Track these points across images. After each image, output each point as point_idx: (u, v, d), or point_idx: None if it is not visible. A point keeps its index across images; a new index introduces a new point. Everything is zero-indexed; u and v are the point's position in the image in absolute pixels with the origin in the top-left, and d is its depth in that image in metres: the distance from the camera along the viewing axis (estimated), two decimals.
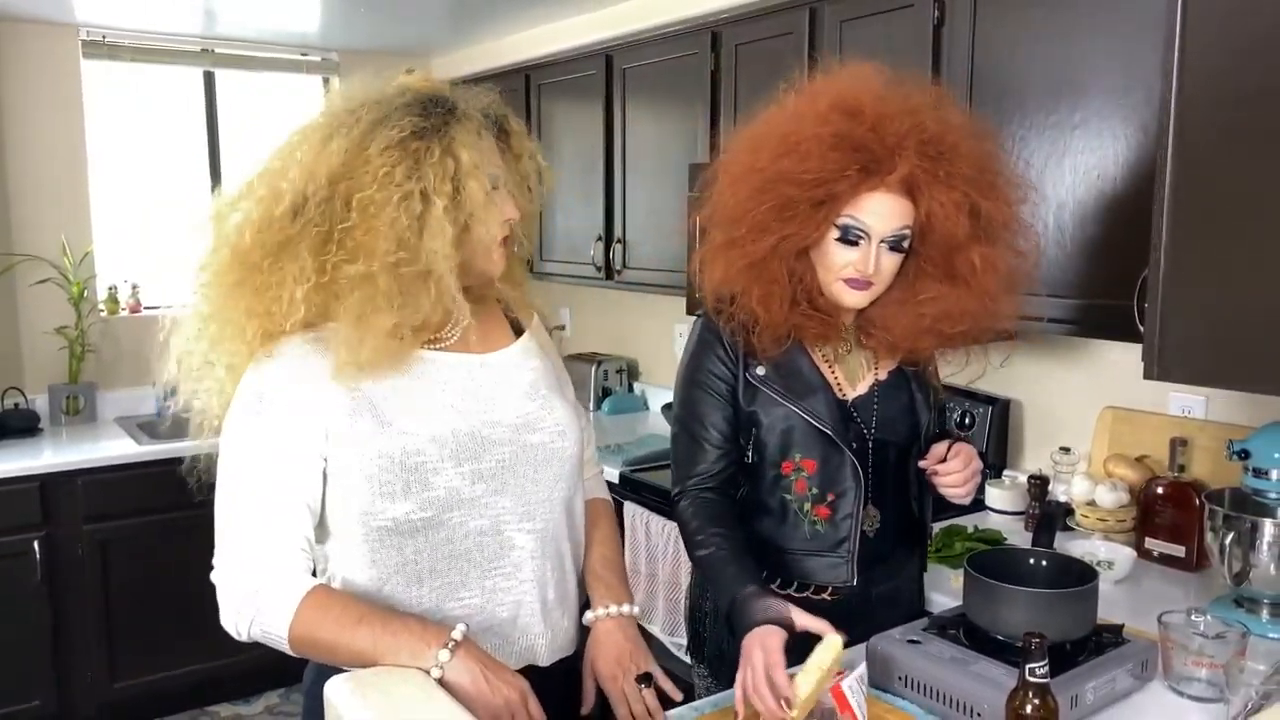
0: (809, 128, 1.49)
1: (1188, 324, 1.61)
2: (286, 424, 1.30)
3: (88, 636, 3.36)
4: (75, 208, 3.81)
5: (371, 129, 1.28)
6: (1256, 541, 1.76)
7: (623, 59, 3.35)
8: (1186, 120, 1.58)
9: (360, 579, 1.35)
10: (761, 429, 1.62)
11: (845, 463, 1.61)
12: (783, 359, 1.61)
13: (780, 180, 1.49)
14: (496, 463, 1.37)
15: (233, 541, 1.31)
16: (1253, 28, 1.51)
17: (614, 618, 1.49)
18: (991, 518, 2.46)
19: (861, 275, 1.53)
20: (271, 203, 1.29)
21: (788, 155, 1.49)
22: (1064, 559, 1.63)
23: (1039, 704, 1.22)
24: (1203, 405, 2.26)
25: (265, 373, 1.32)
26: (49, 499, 3.26)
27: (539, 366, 1.50)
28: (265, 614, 1.27)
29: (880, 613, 1.67)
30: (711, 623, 1.73)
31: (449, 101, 1.34)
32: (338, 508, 1.33)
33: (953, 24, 2.26)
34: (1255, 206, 1.52)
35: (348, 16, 3.66)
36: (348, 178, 1.27)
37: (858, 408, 1.65)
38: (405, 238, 1.26)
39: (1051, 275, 2.13)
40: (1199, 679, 1.51)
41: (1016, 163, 2.16)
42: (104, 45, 3.83)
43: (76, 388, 3.76)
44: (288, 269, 1.28)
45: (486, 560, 1.38)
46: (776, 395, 1.61)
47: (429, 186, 1.27)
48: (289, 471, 1.30)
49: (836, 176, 1.46)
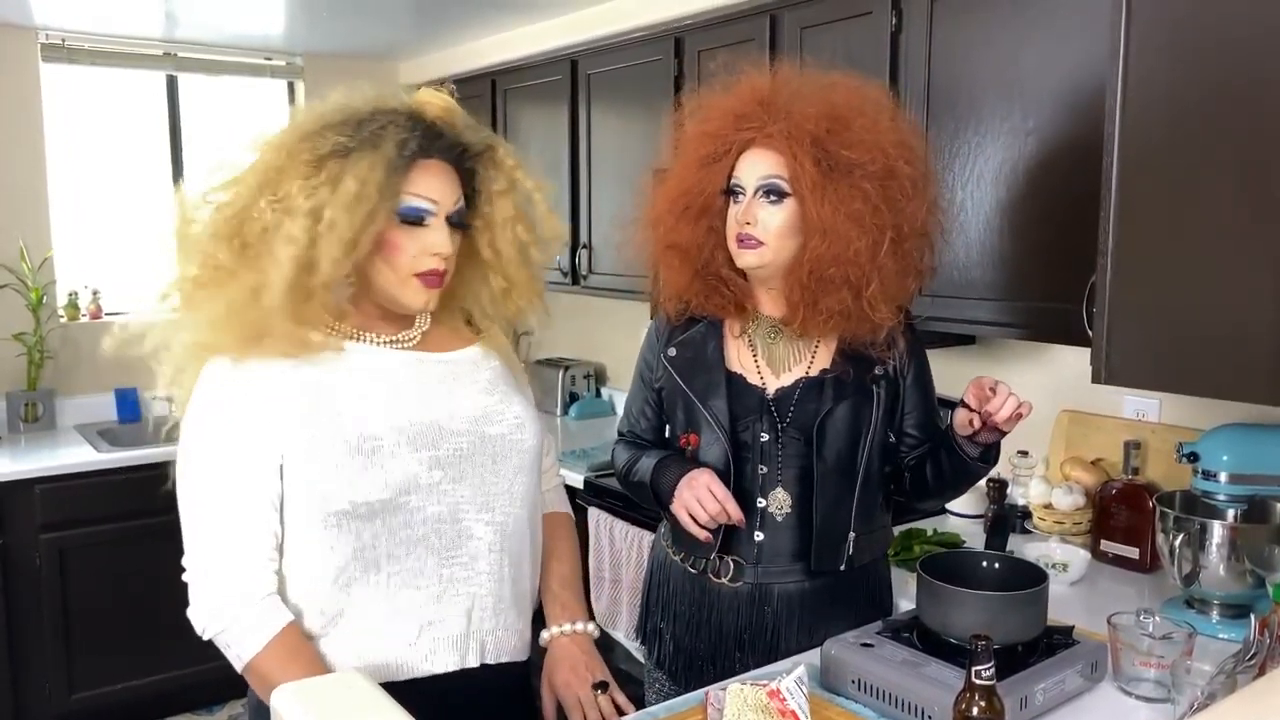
0: (715, 103, 1.69)
1: (1134, 329, 1.63)
2: (247, 423, 1.31)
3: (44, 647, 3.31)
4: (34, 213, 3.76)
5: (302, 139, 1.31)
6: (1205, 543, 1.78)
7: (588, 64, 3.36)
8: (1131, 127, 1.61)
9: (318, 565, 1.35)
10: (665, 403, 1.80)
11: (715, 440, 1.70)
12: (693, 341, 1.76)
13: (691, 141, 1.69)
14: (454, 451, 1.38)
15: (203, 543, 1.32)
16: (1196, 36, 1.53)
17: (569, 635, 1.52)
18: (951, 521, 2.48)
19: (746, 231, 1.63)
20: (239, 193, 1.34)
21: (698, 120, 1.71)
22: (1016, 561, 1.64)
23: (985, 705, 1.23)
24: (1156, 408, 2.29)
25: (224, 372, 1.33)
26: (5, 507, 3.20)
27: (498, 367, 1.50)
28: (234, 635, 1.30)
29: (783, 612, 1.70)
30: (665, 620, 1.78)
31: (380, 122, 1.33)
32: (294, 496, 1.34)
33: (910, 31, 2.28)
34: (1198, 212, 1.54)
35: (312, 20, 3.64)
36: (277, 180, 1.30)
37: (776, 400, 1.70)
38: (264, 242, 1.30)
39: (1005, 279, 2.16)
40: (1148, 679, 1.53)
41: (968, 169, 2.19)
42: (63, 48, 3.78)
43: (35, 394, 3.71)
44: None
45: (444, 548, 1.38)
46: (674, 372, 1.76)
47: (294, 201, 1.28)
48: (252, 470, 1.31)
49: (720, 143, 1.65)
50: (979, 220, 2.19)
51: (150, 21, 3.64)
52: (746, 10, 2.70)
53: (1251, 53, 1.48)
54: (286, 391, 1.32)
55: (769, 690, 1.34)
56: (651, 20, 3.05)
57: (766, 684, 1.36)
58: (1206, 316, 1.54)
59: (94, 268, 3.97)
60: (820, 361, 1.71)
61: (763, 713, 1.33)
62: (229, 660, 1.32)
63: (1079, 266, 1.88)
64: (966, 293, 2.23)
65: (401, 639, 1.37)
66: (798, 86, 1.66)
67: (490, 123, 3.83)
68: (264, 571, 1.33)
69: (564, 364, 4.03)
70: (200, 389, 1.34)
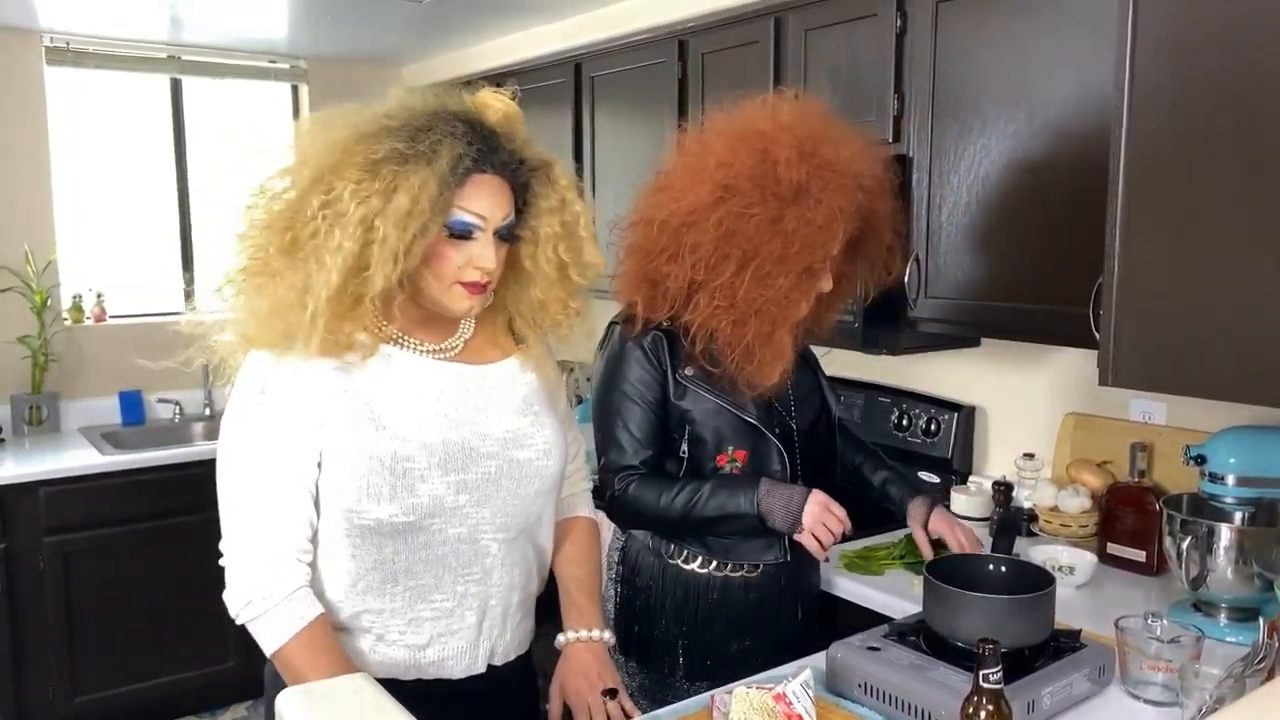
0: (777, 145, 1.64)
1: (1142, 331, 1.63)
2: (288, 414, 1.33)
3: (49, 650, 3.30)
4: (38, 216, 3.76)
5: (358, 140, 1.30)
6: (1213, 546, 1.77)
7: (591, 67, 3.36)
8: (1138, 129, 1.60)
9: (338, 569, 1.37)
10: (695, 424, 1.76)
11: (771, 448, 1.78)
12: (706, 359, 1.74)
13: (832, 199, 1.65)
14: (482, 475, 1.40)
15: (242, 529, 1.35)
16: (1204, 38, 1.53)
17: (584, 642, 1.53)
18: None
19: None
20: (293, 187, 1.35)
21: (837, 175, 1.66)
22: (1023, 565, 1.64)
23: (993, 710, 1.22)
24: (1163, 411, 2.28)
25: (268, 364, 1.34)
26: (9, 510, 3.21)
27: (533, 380, 1.51)
28: (266, 623, 1.33)
29: (796, 597, 1.87)
30: (643, 617, 1.85)
31: (439, 133, 1.31)
32: (325, 500, 1.36)
33: (914, 33, 2.28)
34: (1207, 214, 1.54)
35: (316, 24, 3.64)
36: (332, 174, 1.30)
37: (778, 398, 1.82)
38: (310, 248, 1.29)
39: (1010, 282, 2.15)
40: (1155, 683, 1.52)
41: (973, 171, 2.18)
42: (68, 52, 3.79)
43: (39, 397, 3.71)
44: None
45: (461, 566, 1.40)
46: (704, 391, 1.75)
47: (344, 205, 1.28)
48: (292, 463, 1.33)
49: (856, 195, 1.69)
50: (984, 222, 2.18)
51: (155, 25, 3.64)
52: (751, 13, 2.69)
53: (1260, 55, 1.47)
54: (329, 391, 1.34)
55: (775, 694, 1.34)
56: (655, 23, 3.05)
57: (772, 687, 1.36)
58: (1215, 318, 1.53)
59: (98, 271, 3.97)
60: None
61: (768, 716, 1.33)
62: (242, 664, 1.34)
63: (1085, 269, 1.88)
64: (972, 295, 2.23)
65: (413, 645, 1.40)
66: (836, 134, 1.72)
67: None
68: (299, 562, 1.35)
69: (569, 366, 4.02)
70: (243, 378, 1.36)
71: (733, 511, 1.70)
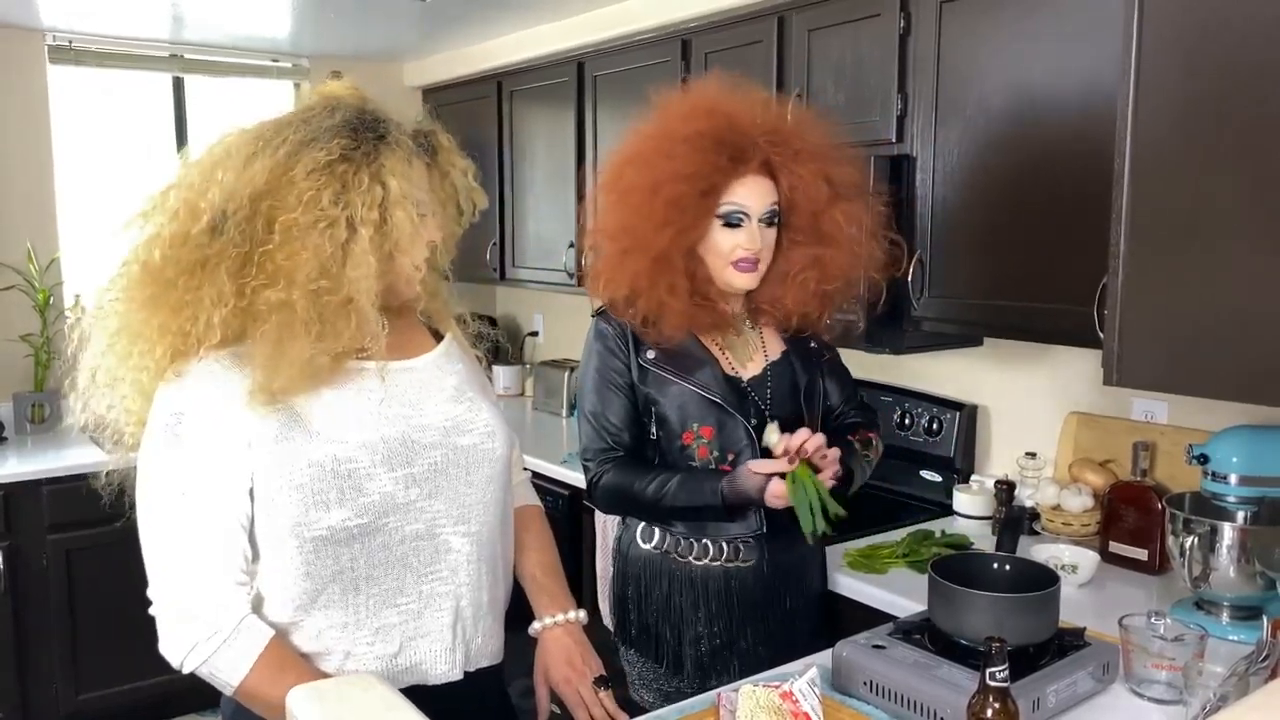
0: (679, 132, 1.72)
1: (1145, 330, 1.63)
2: (209, 444, 1.27)
3: (52, 648, 3.31)
4: (41, 214, 3.76)
5: (297, 149, 1.26)
6: (1216, 545, 1.78)
7: (594, 66, 3.36)
8: (1142, 128, 1.61)
9: (294, 591, 1.32)
10: (660, 405, 1.81)
11: (738, 425, 1.79)
12: (671, 343, 1.80)
13: (666, 181, 1.70)
14: (429, 466, 1.37)
15: (170, 573, 1.29)
16: (1209, 38, 1.53)
17: (561, 625, 1.52)
18: (959, 522, 2.48)
19: (751, 253, 1.74)
20: (189, 220, 1.27)
21: (668, 159, 1.72)
22: (1027, 563, 1.65)
23: (999, 708, 1.23)
24: (1165, 410, 2.29)
25: (181, 392, 1.29)
26: (12, 508, 3.21)
27: (462, 370, 1.49)
28: (216, 666, 1.28)
29: (781, 586, 1.85)
30: (636, 605, 1.87)
31: (381, 125, 1.31)
32: (268, 522, 1.30)
33: (919, 33, 2.28)
34: (1211, 214, 1.54)
35: (318, 22, 3.64)
36: (271, 198, 1.25)
37: (753, 386, 1.84)
38: (328, 265, 1.25)
39: (1013, 281, 2.15)
40: (1159, 681, 1.53)
41: (977, 171, 2.19)
42: (70, 50, 3.79)
43: (42, 395, 3.71)
44: (205, 291, 1.25)
45: (423, 565, 1.37)
46: (666, 374, 1.81)
47: (355, 214, 1.26)
48: (218, 493, 1.28)
49: (712, 169, 1.70)
50: (987, 222, 2.19)
51: (157, 24, 3.64)
52: (754, 12, 2.70)
53: (1265, 54, 1.48)
54: (249, 409, 1.28)
55: (782, 692, 1.35)
56: (659, 22, 3.05)
57: (779, 685, 1.37)
58: (1219, 318, 1.54)
59: (101, 269, 3.96)
60: (770, 351, 1.88)
61: (775, 714, 1.34)
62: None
63: (1088, 268, 1.88)
64: (974, 294, 2.23)
65: (384, 655, 1.36)
66: (758, 105, 1.79)
67: (496, 124, 3.83)
68: (236, 597, 1.30)
69: (569, 365, 4.03)
70: (155, 409, 1.30)
71: (699, 504, 1.76)
